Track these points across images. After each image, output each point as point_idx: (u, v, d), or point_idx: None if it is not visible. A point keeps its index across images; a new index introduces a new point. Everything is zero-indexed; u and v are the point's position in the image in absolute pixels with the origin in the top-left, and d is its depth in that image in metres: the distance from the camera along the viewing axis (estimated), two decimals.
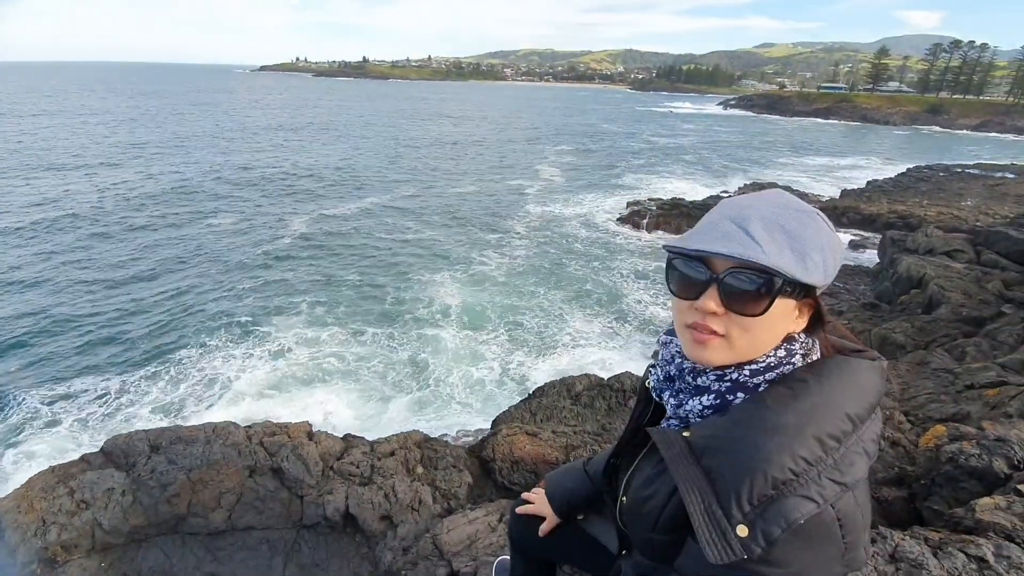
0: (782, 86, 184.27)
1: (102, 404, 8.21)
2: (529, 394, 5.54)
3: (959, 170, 28.94)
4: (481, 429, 6.40)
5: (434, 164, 31.42)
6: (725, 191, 24.61)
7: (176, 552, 3.23)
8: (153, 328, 10.47)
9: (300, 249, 15.57)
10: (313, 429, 3.96)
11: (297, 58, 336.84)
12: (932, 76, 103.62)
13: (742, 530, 0.69)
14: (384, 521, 3.28)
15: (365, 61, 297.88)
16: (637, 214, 19.34)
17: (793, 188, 24.88)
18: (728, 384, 0.83)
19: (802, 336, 0.84)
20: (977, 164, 32.09)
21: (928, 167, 29.88)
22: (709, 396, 0.85)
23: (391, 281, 13.39)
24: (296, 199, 21.52)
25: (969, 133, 73.54)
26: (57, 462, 3.65)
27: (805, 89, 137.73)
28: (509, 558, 1.74)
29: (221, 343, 10.00)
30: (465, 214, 20.20)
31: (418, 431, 4.18)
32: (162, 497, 3.24)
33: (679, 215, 18.28)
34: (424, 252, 15.78)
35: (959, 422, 3.65)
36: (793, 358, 0.82)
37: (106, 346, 9.82)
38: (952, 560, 1.95)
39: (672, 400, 0.93)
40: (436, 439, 4.20)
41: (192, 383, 8.79)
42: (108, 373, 8.99)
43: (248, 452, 3.57)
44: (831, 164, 36.96)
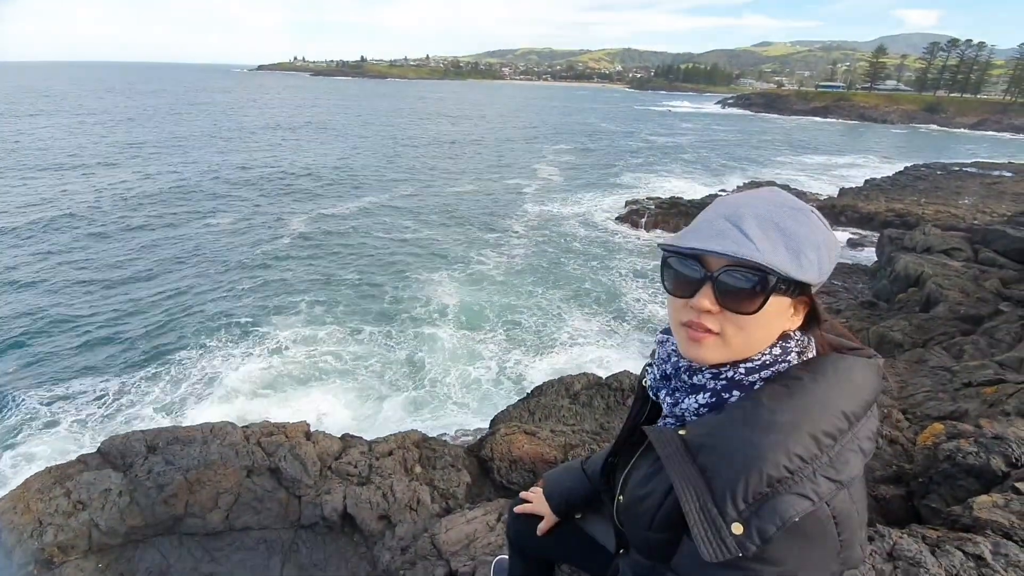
0: (780, 85, 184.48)
1: (100, 405, 8.19)
2: (527, 393, 5.53)
3: (957, 168, 28.98)
4: (479, 428, 6.40)
5: (432, 163, 31.39)
6: (723, 189, 24.61)
7: (173, 553, 3.22)
8: (151, 328, 10.46)
9: (298, 248, 15.56)
10: (311, 429, 3.95)
11: (295, 57, 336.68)
12: (930, 75, 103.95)
13: (737, 528, 0.69)
14: (382, 521, 3.28)
15: (363, 60, 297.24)
16: (636, 213, 19.36)
17: (791, 187, 24.91)
18: (724, 382, 0.83)
19: (798, 334, 0.84)
20: (974, 162, 32.12)
21: (926, 165, 29.92)
22: (705, 394, 0.85)
23: (389, 280, 13.38)
24: (294, 198, 21.49)
25: (966, 131, 73.75)
26: (55, 463, 3.63)
27: (803, 88, 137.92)
28: (507, 557, 1.74)
29: (219, 343, 9.99)
30: (463, 213, 20.19)
31: (416, 431, 4.17)
32: (159, 498, 3.23)
33: (677, 214, 18.29)
34: (422, 251, 15.78)
35: (957, 420, 3.66)
36: (789, 356, 0.82)
37: (104, 346, 9.81)
38: (950, 558, 1.95)
39: (668, 399, 0.93)
40: (434, 439, 4.19)
41: (191, 383, 8.77)
42: (106, 374, 8.98)
43: (246, 452, 3.56)
44: (829, 163, 37.03)
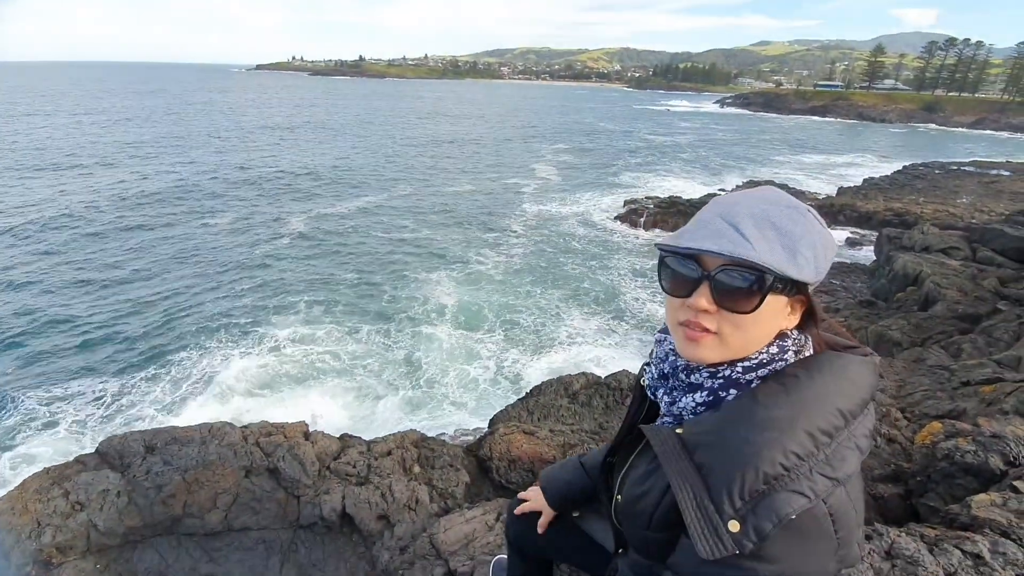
0: (779, 84, 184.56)
1: (100, 405, 8.18)
2: (526, 393, 5.53)
3: (955, 167, 29.03)
4: (478, 428, 6.40)
5: (431, 163, 31.37)
6: (722, 189, 24.64)
7: (172, 553, 3.22)
8: (150, 328, 10.44)
9: (297, 248, 15.55)
10: (309, 429, 3.94)
11: (293, 57, 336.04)
12: (928, 74, 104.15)
13: (733, 525, 0.69)
14: (381, 521, 3.27)
15: (361, 60, 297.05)
16: (634, 212, 19.37)
17: (790, 186, 24.94)
18: (721, 381, 0.83)
19: (794, 333, 0.84)
20: (973, 161, 32.18)
21: (924, 164, 29.96)
22: (702, 393, 0.85)
23: (388, 280, 13.37)
24: (293, 198, 21.46)
25: (964, 131, 73.84)
26: (54, 464, 3.63)
27: (802, 87, 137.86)
28: (506, 557, 1.74)
29: (218, 343, 9.98)
30: (462, 213, 20.18)
31: (415, 430, 4.17)
32: (157, 498, 3.23)
33: (676, 213, 18.29)
34: (421, 251, 15.77)
35: (955, 419, 3.66)
36: (785, 354, 0.82)
37: (103, 346, 9.79)
38: (948, 557, 1.95)
39: (666, 397, 0.93)
40: (433, 438, 4.18)
41: (189, 383, 8.76)
42: (105, 374, 8.97)
43: (244, 452, 3.55)
44: (827, 162, 37.06)
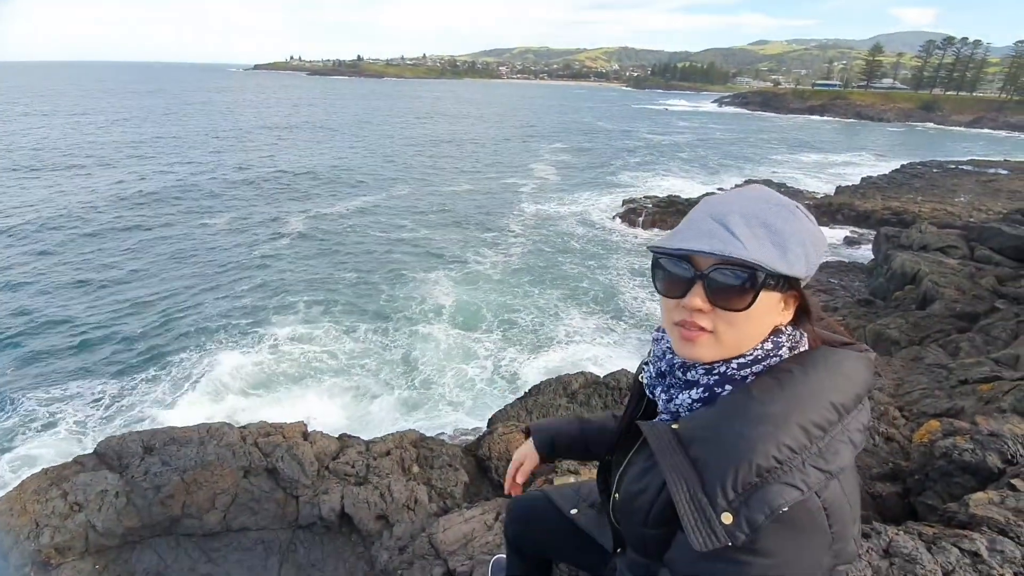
0: (777, 83, 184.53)
1: (99, 406, 8.15)
2: (525, 392, 5.54)
3: (952, 166, 29.07)
4: (477, 428, 6.40)
5: (429, 162, 31.36)
6: (721, 188, 24.65)
7: (170, 554, 3.22)
8: (148, 329, 10.42)
9: (295, 248, 15.53)
10: (308, 429, 3.94)
11: (291, 56, 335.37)
12: (926, 73, 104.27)
13: (727, 517, 0.70)
14: (380, 521, 3.28)
15: (360, 59, 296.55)
16: (633, 211, 19.37)
17: (788, 185, 25.00)
18: (716, 377, 0.84)
19: (789, 328, 0.85)
20: (970, 160, 32.24)
21: (922, 163, 30.02)
22: (698, 390, 0.86)
23: (386, 279, 13.36)
24: (291, 198, 21.43)
25: (962, 129, 73.92)
26: (53, 464, 3.62)
27: (800, 86, 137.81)
28: (505, 556, 1.74)
29: (217, 343, 9.96)
30: (460, 212, 20.17)
31: (414, 430, 4.17)
32: (156, 498, 3.22)
33: (675, 212, 18.28)
34: (419, 250, 15.76)
35: (953, 417, 3.67)
36: (780, 350, 0.83)
37: (102, 347, 9.77)
38: (946, 555, 1.96)
39: (663, 395, 0.94)
40: (432, 438, 4.18)
41: (188, 383, 8.74)
42: (104, 375, 8.94)
43: (243, 452, 3.55)
44: (825, 161, 37.08)
